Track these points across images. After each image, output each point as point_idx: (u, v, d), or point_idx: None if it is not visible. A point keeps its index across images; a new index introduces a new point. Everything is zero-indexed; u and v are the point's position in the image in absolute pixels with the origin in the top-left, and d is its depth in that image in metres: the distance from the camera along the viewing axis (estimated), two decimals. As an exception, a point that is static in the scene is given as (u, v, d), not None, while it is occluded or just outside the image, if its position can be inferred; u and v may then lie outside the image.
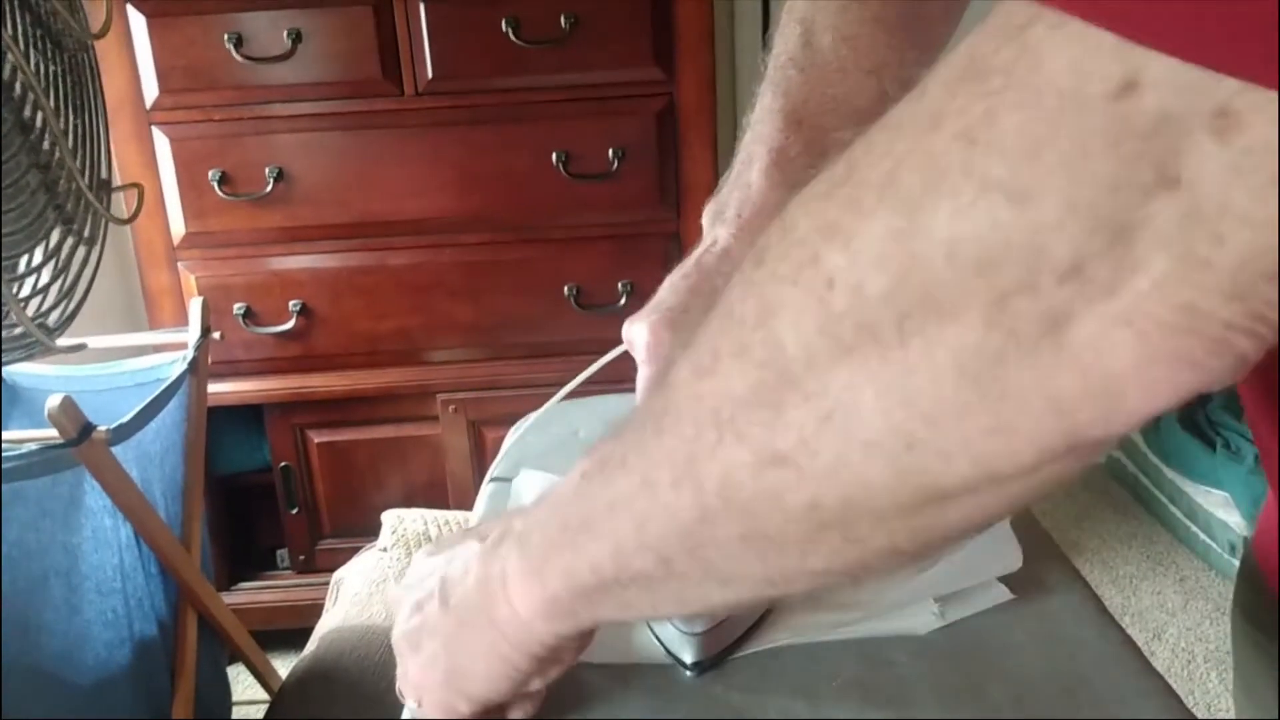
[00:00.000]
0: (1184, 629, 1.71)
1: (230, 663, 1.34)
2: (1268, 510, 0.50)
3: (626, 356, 0.51)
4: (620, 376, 0.69)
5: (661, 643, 0.49)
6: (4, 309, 0.88)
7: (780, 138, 0.50)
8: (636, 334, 0.49)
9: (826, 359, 0.24)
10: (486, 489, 0.67)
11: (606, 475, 0.33)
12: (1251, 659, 0.51)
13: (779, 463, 0.26)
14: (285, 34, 1.39)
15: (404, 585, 0.45)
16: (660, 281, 0.51)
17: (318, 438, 1.59)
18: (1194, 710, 0.43)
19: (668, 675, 0.48)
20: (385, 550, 1.26)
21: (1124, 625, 0.50)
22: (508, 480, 0.66)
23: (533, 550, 0.37)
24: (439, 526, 1.28)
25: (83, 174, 1.00)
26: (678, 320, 0.48)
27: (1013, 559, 0.52)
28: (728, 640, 0.49)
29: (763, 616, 0.50)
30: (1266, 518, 0.51)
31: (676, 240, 1.52)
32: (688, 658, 0.47)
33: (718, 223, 0.52)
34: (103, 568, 1.01)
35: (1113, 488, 2.18)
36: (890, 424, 0.24)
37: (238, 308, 1.50)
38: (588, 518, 0.34)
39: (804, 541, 0.28)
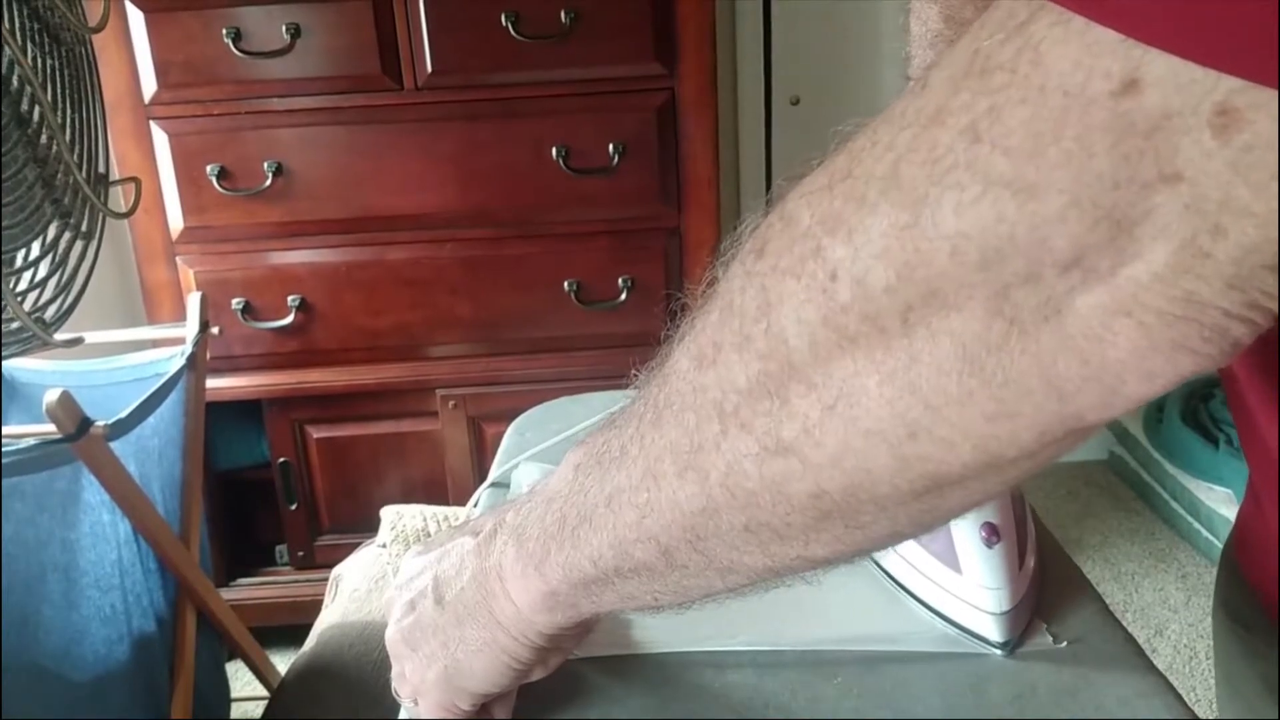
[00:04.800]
0: (1186, 625, 1.71)
1: (229, 659, 1.34)
2: (1245, 504, 0.50)
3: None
4: (620, 373, 0.69)
5: (964, 628, 0.49)
6: (1, 303, 0.87)
7: None
8: None
9: (830, 350, 0.25)
10: (484, 494, 0.66)
11: (604, 468, 0.33)
12: (1233, 653, 0.51)
13: (783, 452, 0.26)
14: (284, 29, 1.39)
15: (396, 585, 0.44)
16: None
17: (317, 433, 1.58)
18: (1196, 707, 0.43)
19: (667, 673, 0.48)
20: (384, 546, 1.26)
21: (1126, 622, 0.50)
22: (505, 486, 0.66)
23: (530, 544, 0.36)
24: (438, 522, 1.28)
25: (80, 168, 1.00)
26: None
27: None
28: (1027, 618, 0.49)
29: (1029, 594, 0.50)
30: (1244, 511, 0.51)
31: (677, 235, 1.51)
32: (997, 637, 0.47)
33: None
34: (101, 563, 1.00)
35: (1115, 484, 2.18)
36: (893, 413, 0.24)
37: (236, 303, 1.49)
38: (586, 510, 0.33)
39: (807, 530, 0.28)
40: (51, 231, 0.96)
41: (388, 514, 1.30)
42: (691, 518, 0.30)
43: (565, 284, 1.51)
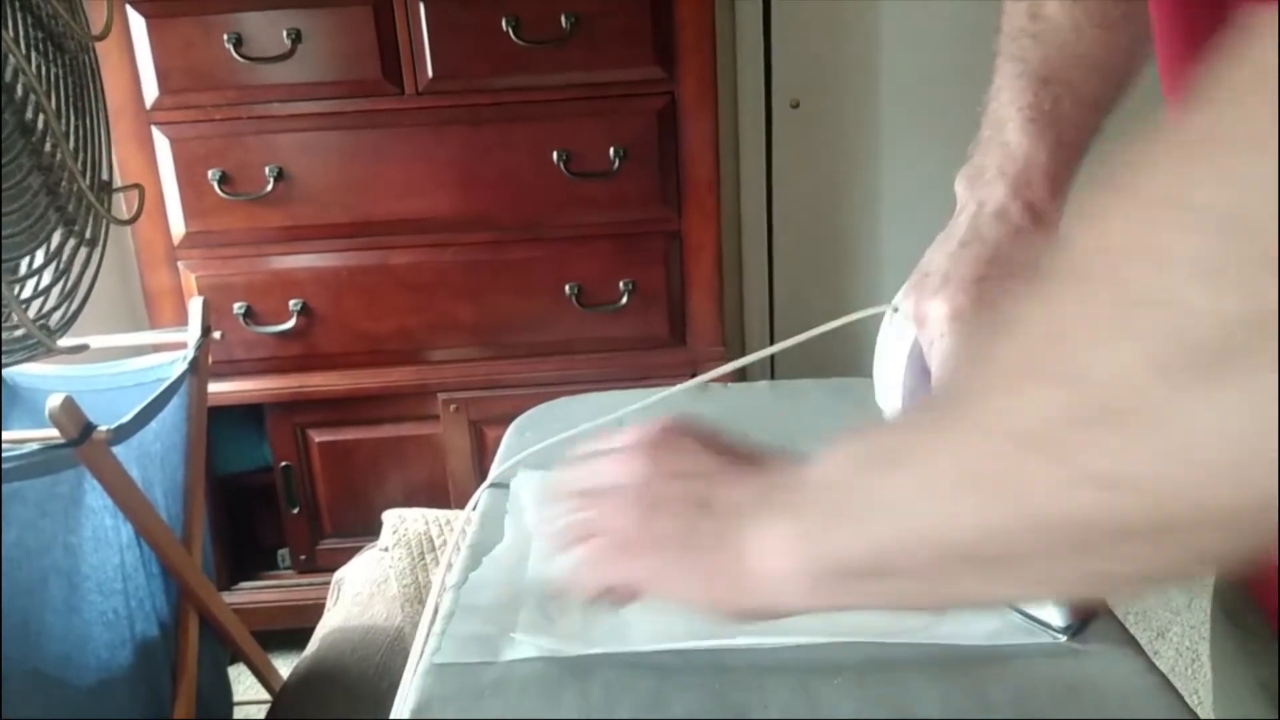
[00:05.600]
0: (1188, 627, 1.71)
1: (231, 663, 1.34)
2: None
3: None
4: (621, 376, 0.69)
5: (1026, 613, 0.49)
6: (6, 310, 0.87)
7: (1029, 95, 0.51)
8: (934, 309, 0.49)
9: (1149, 379, 0.23)
10: (483, 495, 0.66)
11: (884, 470, 0.32)
12: (1230, 654, 0.52)
13: (1095, 484, 0.25)
14: (285, 34, 1.39)
15: (663, 446, 0.42)
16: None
17: (318, 437, 1.59)
18: (1197, 710, 0.43)
19: (667, 672, 0.48)
20: (386, 550, 1.26)
21: (1127, 624, 0.50)
22: (505, 486, 0.66)
23: (801, 525, 0.36)
24: (440, 526, 1.28)
25: (84, 175, 1.00)
26: (980, 293, 0.49)
27: None
28: (1092, 604, 0.50)
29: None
30: None
31: (677, 239, 1.52)
32: (1060, 622, 0.48)
33: (978, 186, 0.52)
34: (103, 568, 1.01)
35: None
36: (1232, 443, 0.22)
37: (238, 307, 1.50)
38: (863, 507, 0.33)
39: (1115, 551, 0.27)
40: (55, 239, 0.96)
41: (389, 517, 1.31)
42: (984, 533, 0.29)
43: (566, 287, 1.51)
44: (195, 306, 1.25)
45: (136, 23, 1.39)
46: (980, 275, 0.49)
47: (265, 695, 1.34)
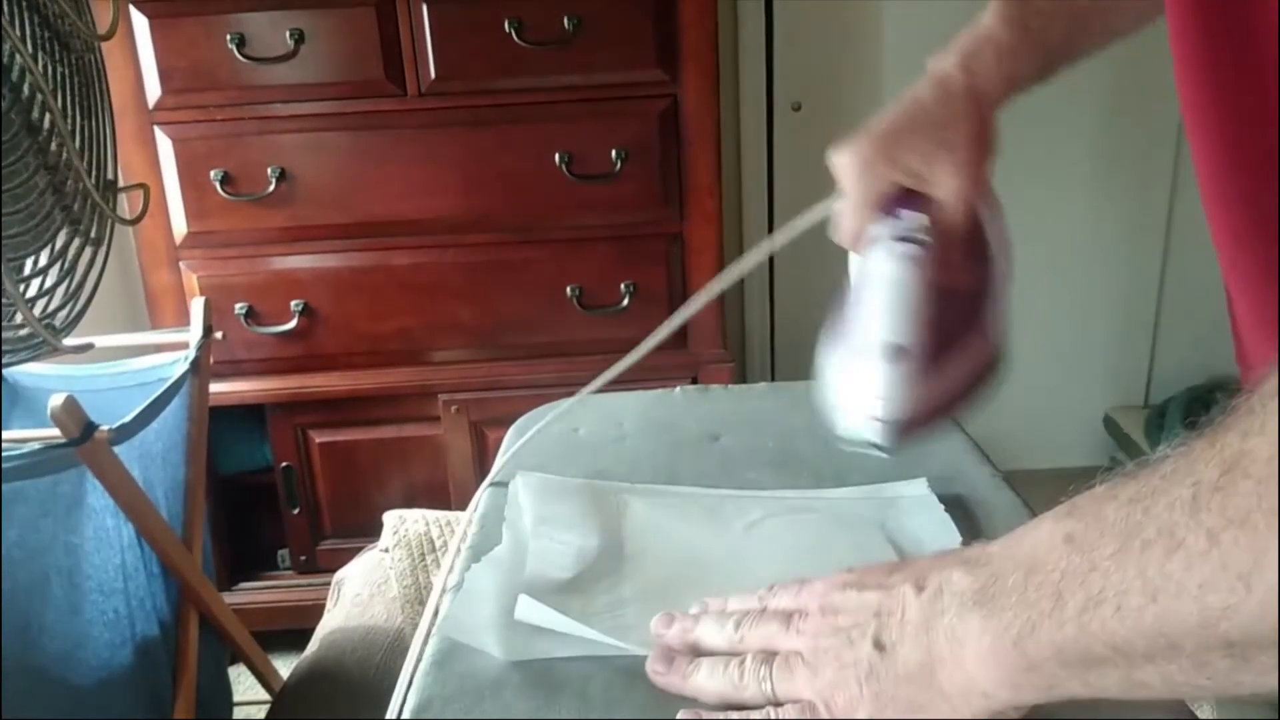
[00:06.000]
0: (1185, 632, 1.70)
1: (231, 663, 1.35)
2: None
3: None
4: (622, 378, 0.69)
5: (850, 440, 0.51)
6: (11, 309, 0.88)
7: None
8: (841, 159, 0.51)
9: None
10: (484, 494, 0.67)
11: (1128, 549, 0.30)
12: None
13: None
14: (288, 34, 1.39)
15: (824, 608, 0.41)
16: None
17: (319, 438, 1.59)
18: (1197, 711, 0.43)
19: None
20: (386, 551, 1.26)
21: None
22: (504, 485, 0.66)
23: (1004, 615, 0.34)
24: (440, 527, 1.28)
25: (89, 175, 1.00)
26: (885, 145, 0.51)
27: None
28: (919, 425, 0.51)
29: None
30: None
31: (679, 241, 1.52)
32: (883, 441, 0.50)
33: (936, 60, 0.55)
34: (105, 568, 1.01)
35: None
36: None
37: (239, 307, 1.50)
38: (1101, 591, 0.31)
39: None
40: (61, 238, 0.96)
41: (390, 519, 1.31)
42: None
43: (567, 289, 1.51)
44: (197, 307, 1.26)
45: (140, 22, 1.39)
46: (895, 130, 0.51)
47: (265, 696, 1.34)
